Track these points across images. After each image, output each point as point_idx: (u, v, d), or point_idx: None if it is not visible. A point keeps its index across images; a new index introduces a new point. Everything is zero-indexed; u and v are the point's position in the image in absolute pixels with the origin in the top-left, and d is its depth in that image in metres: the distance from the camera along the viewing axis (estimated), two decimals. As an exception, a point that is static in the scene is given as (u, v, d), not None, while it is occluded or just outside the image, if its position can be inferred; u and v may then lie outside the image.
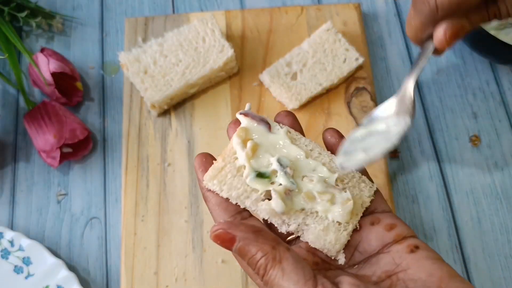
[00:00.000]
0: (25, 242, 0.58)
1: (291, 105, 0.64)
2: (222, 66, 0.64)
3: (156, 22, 0.71)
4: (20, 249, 0.58)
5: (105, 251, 0.61)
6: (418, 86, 0.70)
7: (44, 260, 0.57)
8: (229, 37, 0.70)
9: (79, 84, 0.66)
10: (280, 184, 0.38)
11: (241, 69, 0.68)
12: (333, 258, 0.39)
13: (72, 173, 0.64)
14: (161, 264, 0.58)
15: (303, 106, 0.65)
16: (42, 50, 0.65)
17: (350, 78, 0.67)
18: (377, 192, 0.41)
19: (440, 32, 0.38)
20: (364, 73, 0.67)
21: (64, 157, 0.62)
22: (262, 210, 0.38)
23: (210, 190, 0.40)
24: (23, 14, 0.68)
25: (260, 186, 0.39)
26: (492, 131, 0.67)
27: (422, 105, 0.69)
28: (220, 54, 0.64)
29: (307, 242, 0.39)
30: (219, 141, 0.64)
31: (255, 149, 0.39)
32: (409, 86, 0.40)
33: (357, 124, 0.64)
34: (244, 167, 0.39)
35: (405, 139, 0.67)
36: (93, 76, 0.70)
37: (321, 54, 0.66)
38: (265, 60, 0.69)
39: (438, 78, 0.70)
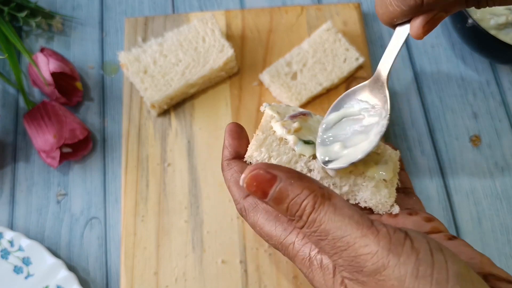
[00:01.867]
0: (25, 242, 0.58)
1: (291, 105, 0.64)
2: (222, 66, 0.64)
3: (156, 22, 0.71)
4: (20, 249, 0.58)
5: (105, 251, 0.61)
6: (418, 86, 0.70)
7: (44, 260, 0.57)
8: (229, 37, 0.70)
9: (79, 84, 0.66)
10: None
11: (241, 69, 0.68)
12: (386, 212, 0.39)
13: (72, 173, 0.64)
14: (161, 264, 0.58)
15: (303, 106, 0.65)
16: (42, 50, 0.65)
17: (350, 78, 0.67)
18: (414, 196, 0.43)
19: (419, 24, 0.38)
20: (364, 73, 0.67)
21: (64, 157, 0.62)
22: (315, 171, 0.39)
23: (238, 159, 0.40)
24: (23, 14, 0.68)
25: (308, 151, 0.39)
26: (492, 131, 0.67)
27: (422, 105, 0.69)
28: (220, 54, 0.64)
29: None
30: (219, 141, 0.64)
31: (299, 130, 0.40)
32: (383, 71, 0.40)
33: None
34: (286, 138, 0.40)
35: (405, 138, 0.67)
36: (93, 76, 0.70)
37: (321, 54, 0.66)
38: (265, 60, 0.69)
39: (438, 78, 0.70)
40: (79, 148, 0.63)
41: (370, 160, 0.40)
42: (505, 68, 0.71)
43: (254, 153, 0.39)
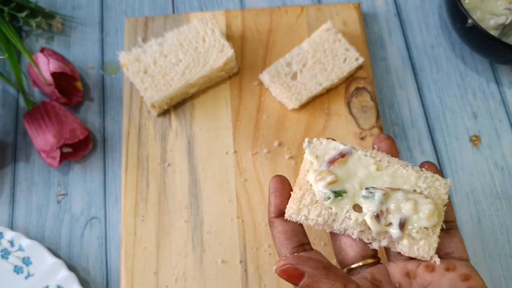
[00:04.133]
0: (25, 242, 0.58)
1: (291, 105, 0.64)
2: (222, 66, 0.64)
3: (156, 22, 0.71)
4: (20, 249, 0.58)
5: (105, 251, 0.61)
6: (418, 86, 0.70)
7: (44, 260, 0.57)
8: (229, 37, 0.70)
9: (79, 84, 0.66)
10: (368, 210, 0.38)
11: (241, 69, 0.68)
12: (429, 260, 0.39)
13: (72, 173, 0.64)
14: (161, 264, 0.58)
15: (303, 106, 0.65)
16: (42, 50, 0.65)
17: (350, 78, 0.67)
18: (457, 235, 0.41)
19: None
20: (364, 73, 0.67)
21: (64, 157, 0.62)
22: (353, 227, 0.38)
23: (281, 218, 0.40)
24: (23, 14, 0.68)
25: (340, 206, 0.38)
26: (492, 131, 0.67)
27: (422, 105, 0.69)
28: (220, 54, 0.64)
29: (371, 272, 0.38)
30: (219, 141, 0.64)
31: (333, 183, 0.40)
32: None
33: (358, 124, 0.64)
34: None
35: (405, 138, 0.67)
36: (93, 76, 0.70)
37: (321, 54, 0.66)
38: (265, 60, 0.69)
39: (438, 78, 0.70)
40: (79, 148, 0.63)
41: (412, 200, 0.38)
42: (505, 68, 0.71)
43: (293, 215, 0.39)
